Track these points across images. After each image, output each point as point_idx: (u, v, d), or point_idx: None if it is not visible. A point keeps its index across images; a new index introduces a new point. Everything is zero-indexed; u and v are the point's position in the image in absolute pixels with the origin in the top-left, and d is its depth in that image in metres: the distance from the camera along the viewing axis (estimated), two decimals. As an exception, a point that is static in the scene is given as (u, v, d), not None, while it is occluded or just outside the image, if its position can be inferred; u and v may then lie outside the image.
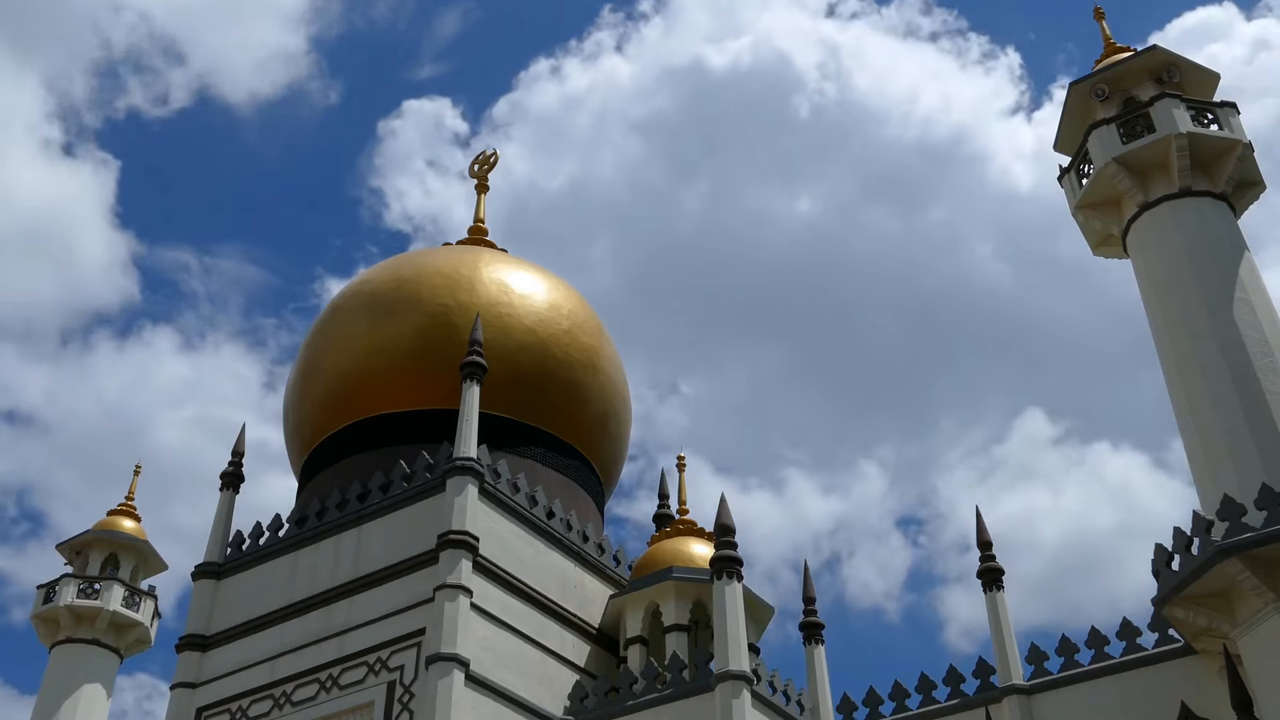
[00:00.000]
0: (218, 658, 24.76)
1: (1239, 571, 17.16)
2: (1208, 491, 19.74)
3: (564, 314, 28.80)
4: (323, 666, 23.09)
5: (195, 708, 24.32)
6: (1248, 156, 23.43)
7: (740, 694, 20.49)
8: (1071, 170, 24.93)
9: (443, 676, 20.94)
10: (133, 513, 38.79)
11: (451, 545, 22.33)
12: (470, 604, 21.97)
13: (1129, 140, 23.50)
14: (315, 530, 25.13)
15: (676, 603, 24.29)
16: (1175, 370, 21.63)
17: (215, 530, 26.77)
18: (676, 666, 22.06)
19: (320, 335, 29.23)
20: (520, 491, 24.82)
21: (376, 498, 24.69)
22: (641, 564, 25.93)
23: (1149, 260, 23.01)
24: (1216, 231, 22.59)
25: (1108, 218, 24.31)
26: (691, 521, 27.20)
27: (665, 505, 30.95)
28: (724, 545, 22.34)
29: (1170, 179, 23.10)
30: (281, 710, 23.11)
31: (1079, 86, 25.17)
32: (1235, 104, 24.05)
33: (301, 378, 29.12)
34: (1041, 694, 20.16)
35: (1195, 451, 20.65)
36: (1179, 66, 24.70)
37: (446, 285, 28.05)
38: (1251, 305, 21.43)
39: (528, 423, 27.32)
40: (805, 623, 25.67)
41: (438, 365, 26.57)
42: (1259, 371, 20.44)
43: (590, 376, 28.53)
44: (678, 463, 29.87)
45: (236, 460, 27.80)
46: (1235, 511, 17.77)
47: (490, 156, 34.83)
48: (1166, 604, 18.21)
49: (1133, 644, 19.89)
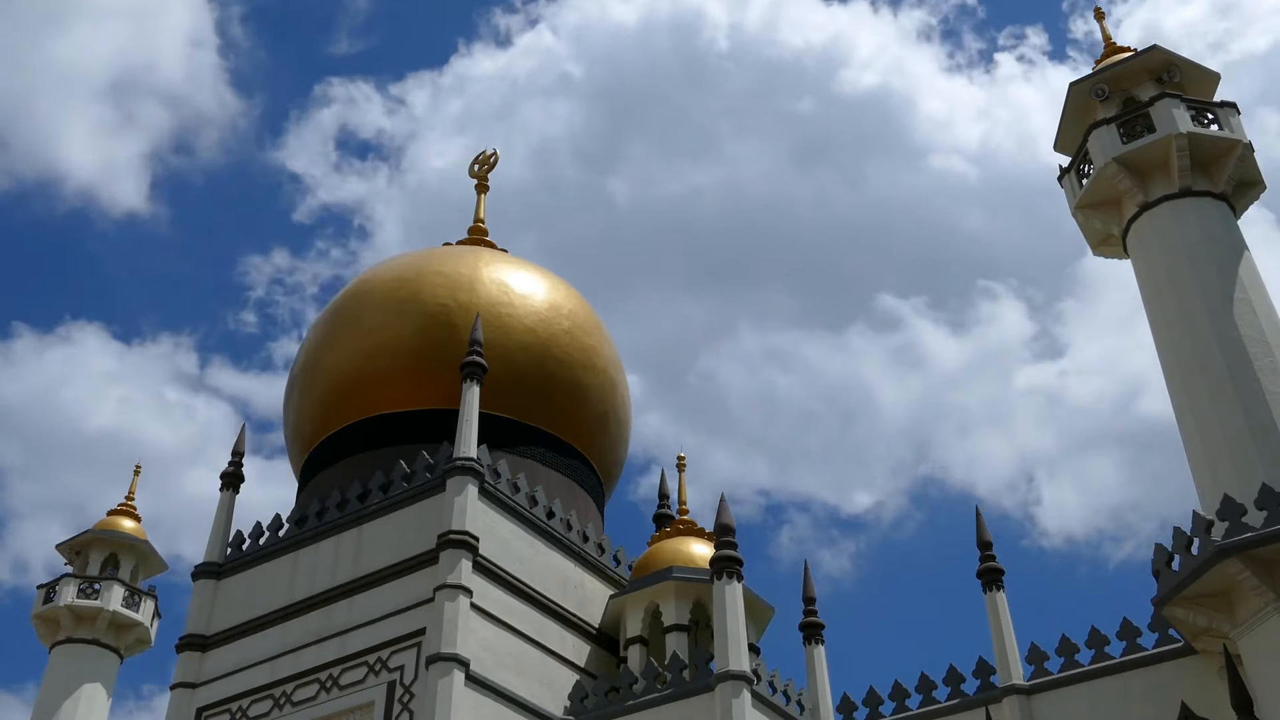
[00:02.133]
0: (218, 658, 24.76)
1: (1239, 571, 17.16)
2: (1208, 491, 19.74)
3: (564, 314, 28.81)
4: (323, 666, 23.09)
5: (195, 708, 24.33)
6: (1248, 156, 23.45)
7: (740, 694, 20.49)
8: (1071, 170, 24.94)
9: (443, 676, 20.95)
10: (133, 513, 38.82)
11: (451, 545, 22.33)
12: (470, 604, 21.98)
13: (1129, 140, 23.51)
14: (315, 530, 25.13)
15: (676, 603, 24.29)
16: (1175, 370, 21.64)
17: (215, 530, 26.76)
18: (676, 666, 22.06)
19: (320, 335, 29.23)
20: (520, 491, 24.82)
21: (376, 498, 24.69)
22: (641, 564, 25.93)
23: (1149, 260, 23.01)
24: (1216, 231, 22.59)
25: (1108, 218, 24.32)
26: (691, 521, 27.20)
27: (665, 505, 30.95)
28: (724, 545, 22.34)
29: (1170, 179, 23.11)
30: (281, 710, 23.11)
31: (1079, 86, 25.17)
32: (1235, 104, 24.07)
33: (301, 377, 29.13)
34: (1041, 694, 20.15)
35: (1195, 451, 20.65)
36: (1179, 66, 24.71)
37: (446, 285, 28.06)
38: (1251, 305, 21.43)
39: (528, 423, 27.33)
40: (805, 623, 25.69)
41: (438, 365, 26.57)
42: (1259, 371, 20.44)
43: (590, 376, 28.53)
44: (678, 463, 29.88)
45: (236, 460, 27.79)
46: (1235, 511, 17.76)
47: (490, 157, 34.75)
48: (1166, 604, 18.20)
49: (1133, 644, 19.89)
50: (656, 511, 31.06)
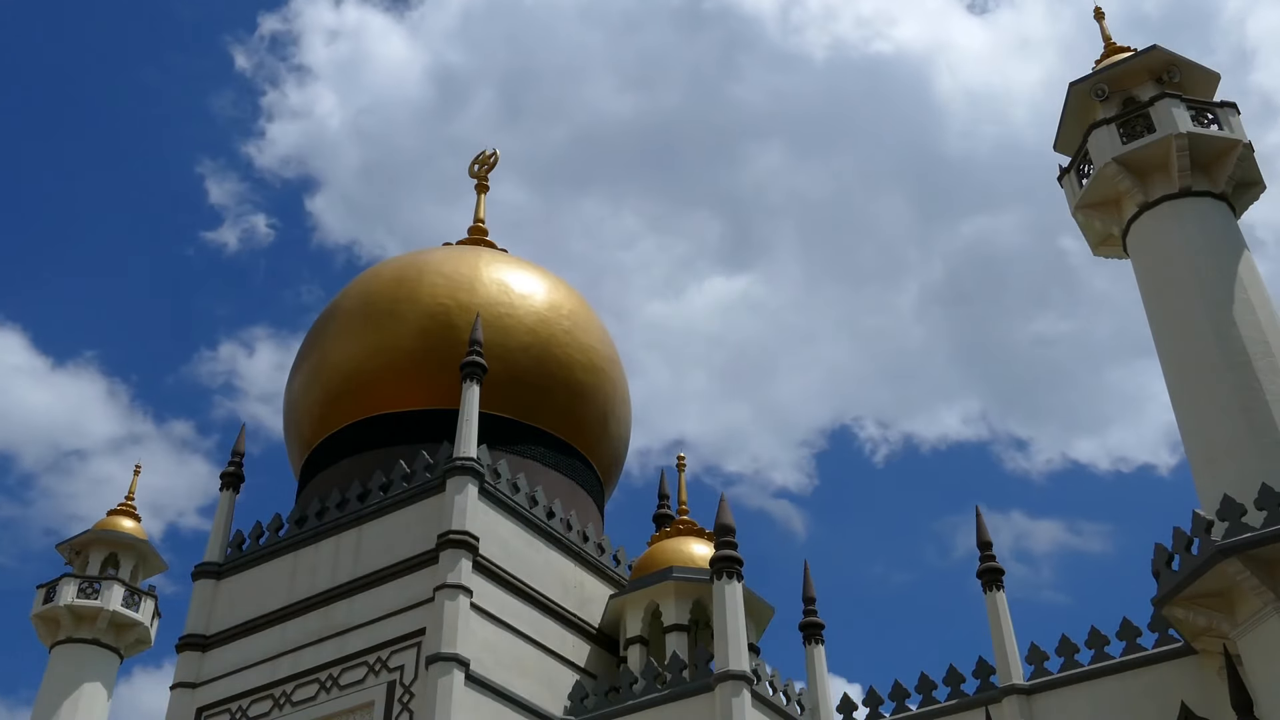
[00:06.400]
0: (218, 658, 24.76)
1: (1239, 571, 17.15)
2: (1208, 491, 19.72)
3: (564, 314, 28.80)
4: (323, 666, 23.10)
5: (195, 708, 24.33)
6: (1248, 156, 23.41)
7: (740, 694, 20.52)
8: (1071, 170, 24.91)
9: (443, 676, 20.96)
10: (133, 512, 38.79)
11: (451, 545, 22.34)
12: (470, 604, 21.98)
13: (1129, 140, 23.48)
14: (315, 530, 25.14)
15: (676, 603, 24.30)
16: (1175, 370, 21.63)
17: (215, 530, 26.78)
18: (676, 666, 22.06)
19: (320, 335, 29.22)
20: (520, 491, 24.82)
21: (376, 498, 24.69)
22: (641, 564, 25.93)
23: (1149, 260, 23.00)
24: (1216, 231, 22.57)
25: (1108, 218, 24.29)
26: (691, 521, 27.20)
27: (665, 505, 30.94)
28: (724, 545, 22.36)
29: (1170, 179, 23.09)
30: (281, 710, 23.11)
31: (1079, 86, 25.14)
32: (1235, 104, 24.05)
33: (302, 377, 29.12)
34: (1041, 694, 20.14)
35: (1195, 451, 20.64)
36: (1179, 66, 24.68)
37: (446, 285, 28.05)
38: (1251, 305, 21.41)
39: (528, 423, 27.33)
40: (805, 623, 25.68)
41: (438, 365, 26.57)
42: (1259, 371, 20.42)
43: (590, 376, 28.53)
44: (678, 463, 29.89)
45: (236, 460, 27.79)
46: (1235, 511, 17.76)
47: (490, 157, 34.68)
48: (1166, 604, 18.19)
49: (1133, 644, 19.87)
50: (656, 511, 31.07)
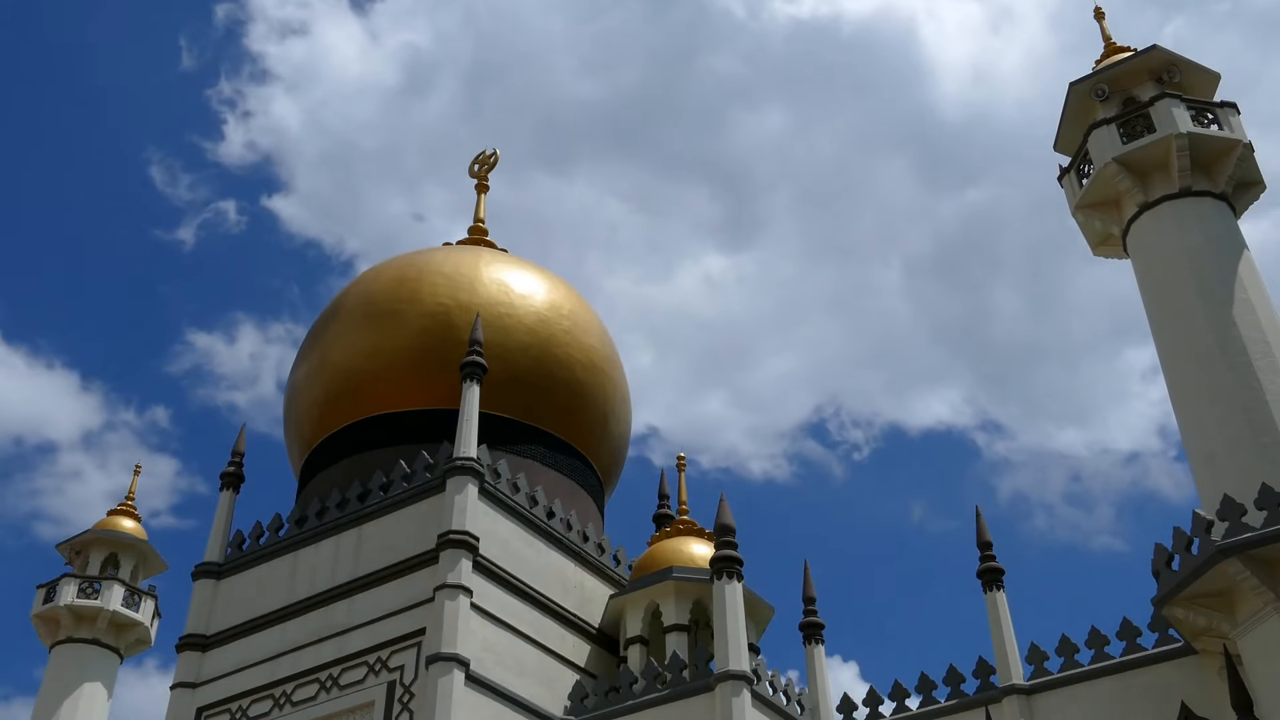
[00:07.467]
0: (218, 658, 24.76)
1: (1239, 571, 17.15)
2: (1207, 491, 19.72)
3: (564, 314, 28.79)
4: (323, 666, 23.09)
5: (195, 708, 24.32)
6: (1248, 156, 23.42)
7: (740, 694, 20.52)
8: (1071, 170, 24.92)
9: (443, 676, 20.95)
10: (133, 512, 38.79)
11: (451, 545, 22.33)
12: (470, 604, 21.97)
13: (1129, 140, 23.49)
14: (315, 530, 25.13)
15: (676, 603, 24.29)
16: (1175, 370, 21.63)
17: (215, 530, 26.76)
18: (676, 666, 22.05)
19: (320, 335, 29.22)
20: (520, 491, 24.82)
21: (376, 498, 24.69)
22: (641, 564, 25.92)
23: (1149, 260, 23.00)
24: (1216, 231, 22.58)
25: (1108, 218, 24.30)
26: (691, 521, 27.19)
27: (665, 505, 30.93)
28: (724, 545, 22.36)
29: (1170, 179, 23.09)
30: (281, 710, 23.11)
31: (1079, 86, 25.15)
32: (1235, 104, 24.05)
33: (302, 377, 29.11)
34: (1041, 694, 20.15)
35: (1195, 451, 20.64)
36: (1179, 66, 24.69)
37: (447, 285, 28.04)
38: (1251, 305, 21.42)
39: (528, 423, 27.32)
40: (805, 623, 25.67)
41: (438, 365, 26.57)
42: (1259, 372, 20.43)
43: (590, 376, 28.52)
44: (678, 463, 29.87)
45: (237, 460, 27.79)
46: (1235, 511, 17.75)
47: (490, 157, 34.69)
48: (1166, 604, 18.19)
49: (1133, 644, 19.88)
50: (656, 511, 31.06)
